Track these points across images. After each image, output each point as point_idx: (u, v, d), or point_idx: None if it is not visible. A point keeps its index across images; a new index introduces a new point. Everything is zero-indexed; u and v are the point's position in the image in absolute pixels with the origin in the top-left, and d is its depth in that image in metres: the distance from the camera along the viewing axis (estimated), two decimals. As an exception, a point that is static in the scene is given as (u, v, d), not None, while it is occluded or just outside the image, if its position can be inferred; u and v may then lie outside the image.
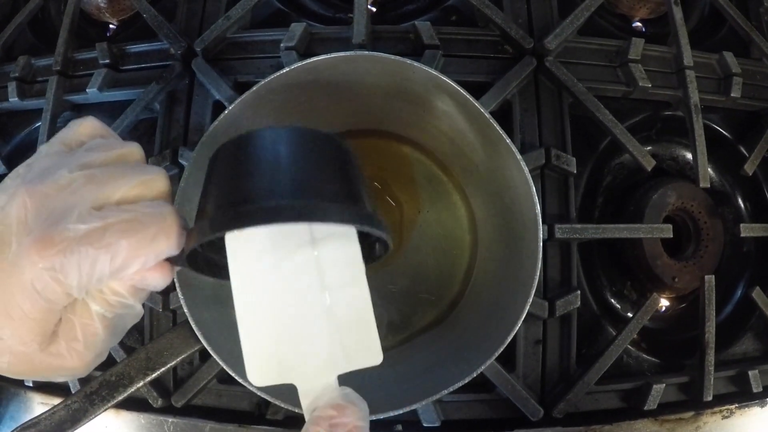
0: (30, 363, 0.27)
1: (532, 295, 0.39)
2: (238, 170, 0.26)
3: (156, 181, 0.28)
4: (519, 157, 0.38)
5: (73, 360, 0.28)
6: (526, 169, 0.38)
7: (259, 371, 0.26)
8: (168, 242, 0.26)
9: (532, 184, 0.38)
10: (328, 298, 0.26)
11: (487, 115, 0.38)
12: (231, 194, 0.26)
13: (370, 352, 0.26)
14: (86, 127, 0.29)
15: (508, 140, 0.38)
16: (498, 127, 0.38)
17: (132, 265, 0.25)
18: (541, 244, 0.39)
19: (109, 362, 0.50)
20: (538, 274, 0.39)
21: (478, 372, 0.39)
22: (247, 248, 0.26)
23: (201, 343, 0.38)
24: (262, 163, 0.26)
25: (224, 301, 0.45)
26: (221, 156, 0.28)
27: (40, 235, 0.24)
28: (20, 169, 0.27)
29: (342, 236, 0.27)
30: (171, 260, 0.28)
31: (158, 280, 0.28)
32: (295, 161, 0.26)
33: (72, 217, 0.24)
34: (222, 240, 0.27)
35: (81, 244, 0.24)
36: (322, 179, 0.26)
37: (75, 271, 0.24)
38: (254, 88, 0.40)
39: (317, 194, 0.26)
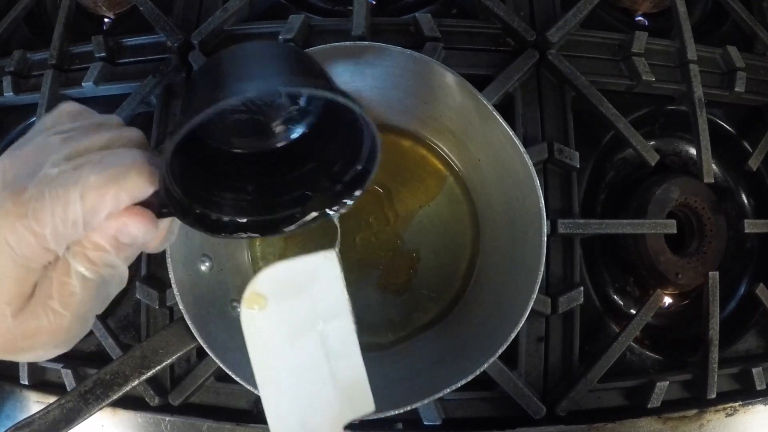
0: (5, 328, 0.26)
1: (536, 292, 0.38)
2: (203, 81, 0.27)
3: (130, 133, 0.28)
4: (523, 150, 0.38)
5: (49, 320, 0.26)
6: (530, 163, 0.38)
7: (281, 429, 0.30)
8: (139, 177, 0.25)
9: (536, 177, 0.38)
10: (332, 365, 0.31)
11: (490, 107, 0.38)
12: (197, 99, 0.25)
13: (365, 403, 0.32)
14: (67, 111, 0.29)
15: (512, 133, 0.38)
16: (501, 120, 0.38)
17: (105, 202, 0.24)
18: (545, 239, 0.38)
19: (104, 360, 0.50)
20: (541, 270, 0.38)
21: (481, 370, 0.38)
22: (262, 329, 0.29)
23: (197, 340, 0.38)
24: (226, 72, 0.26)
25: (221, 298, 0.45)
26: (188, 84, 0.29)
27: (14, 187, 0.24)
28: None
29: (341, 314, 0.32)
30: (152, 208, 0.26)
31: (140, 227, 0.26)
32: (255, 63, 0.27)
33: (45, 166, 0.25)
34: (206, 189, 0.29)
35: (52, 187, 0.24)
36: (284, 66, 0.27)
37: (48, 216, 0.24)
38: (251, 81, 0.39)
39: (279, 73, 0.26)
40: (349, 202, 0.31)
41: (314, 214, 0.31)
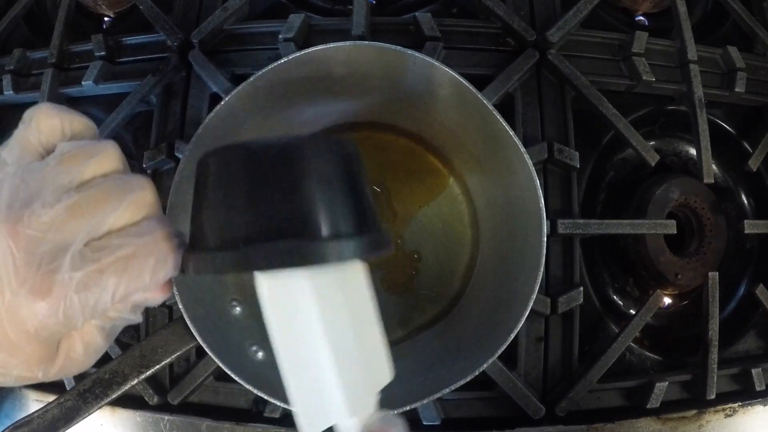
0: (35, 380, 0.27)
1: (536, 292, 0.38)
2: (235, 191, 0.25)
3: (141, 198, 0.26)
4: (523, 149, 0.38)
5: (75, 367, 0.29)
6: (530, 162, 0.38)
7: (310, 420, 0.27)
8: (165, 270, 0.26)
9: (536, 177, 0.38)
10: (358, 338, 0.28)
11: (490, 107, 0.38)
12: (228, 223, 0.25)
13: (385, 373, 0.29)
14: (45, 124, 0.27)
15: (512, 132, 0.38)
16: (501, 119, 0.38)
17: (133, 295, 0.26)
18: (545, 239, 0.38)
19: (103, 359, 0.50)
20: (541, 270, 0.38)
21: (480, 370, 0.38)
22: (287, 300, 0.26)
23: (196, 339, 0.38)
24: (262, 185, 0.25)
25: (221, 297, 0.45)
26: (215, 167, 0.26)
27: (37, 287, 0.23)
28: None
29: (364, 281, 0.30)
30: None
31: (159, 298, 0.28)
32: (297, 183, 0.25)
33: (65, 262, 0.23)
34: None
35: (79, 290, 0.24)
36: (326, 204, 0.25)
37: (78, 313, 0.24)
38: (251, 79, 0.39)
39: (316, 229, 0.25)
40: None
41: None
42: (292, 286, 0.26)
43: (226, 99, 0.39)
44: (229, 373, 0.38)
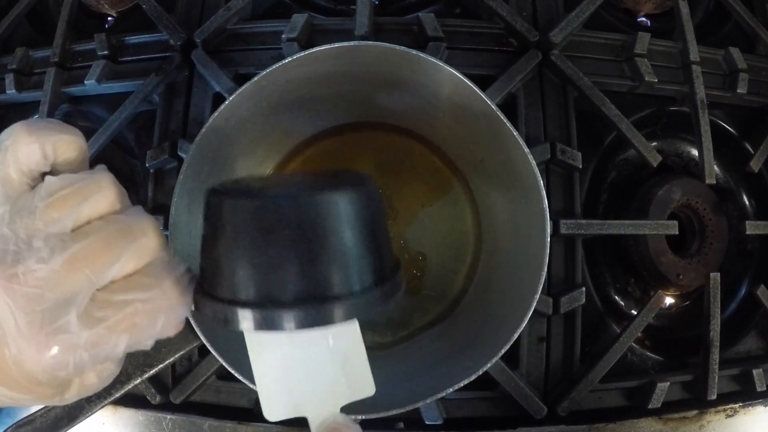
0: (52, 405, 0.28)
1: (539, 292, 0.38)
2: (261, 246, 0.25)
3: (144, 245, 0.25)
4: (526, 150, 0.37)
5: (91, 392, 0.28)
6: (533, 162, 0.38)
7: (274, 408, 0.28)
8: (177, 318, 0.26)
9: (540, 177, 0.38)
10: (331, 341, 0.29)
11: (494, 107, 0.38)
12: (247, 278, 0.25)
13: (366, 386, 0.30)
14: (23, 153, 0.24)
15: (515, 132, 0.38)
16: (505, 119, 0.38)
17: (141, 346, 0.25)
18: (549, 239, 0.38)
19: (106, 358, 0.50)
20: (544, 270, 0.38)
21: (483, 370, 0.38)
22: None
23: (199, 338, 0.38)
24: (288, 244, 0.24)
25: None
26: (238, 212, 0.25)
27: (42, 346, 0.22)
28: None
29: None
30: None
31: (173, 333, 0.27)
32: (323, 243, 0.25)
33: (71, 322, 0.23)
34: None
35: (88, 348, 0.23)
36: (347, 265, 0.26)
37: (88, 365, 0.24)
38: (254, 79, 0.39)
39: (338, 292, 0.25)
40: None
41: None
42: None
43: (230, 99, 0.39)
44: (232, 371, 0.38)
